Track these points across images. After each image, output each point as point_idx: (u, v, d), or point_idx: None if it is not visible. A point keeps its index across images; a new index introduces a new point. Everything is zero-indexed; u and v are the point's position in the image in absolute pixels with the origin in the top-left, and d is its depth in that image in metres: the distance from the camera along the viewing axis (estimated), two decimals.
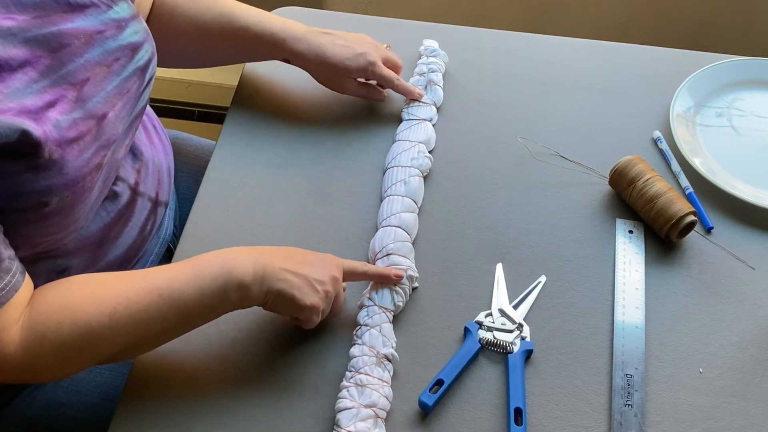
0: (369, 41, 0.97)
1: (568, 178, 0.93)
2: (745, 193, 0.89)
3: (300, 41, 0.94)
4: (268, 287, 0.72)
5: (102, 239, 0.80)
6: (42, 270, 0.76)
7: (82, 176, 0.68)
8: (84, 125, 0.68)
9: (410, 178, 0.89)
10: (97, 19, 0.71)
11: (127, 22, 0.74)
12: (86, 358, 0.69)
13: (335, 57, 0.93)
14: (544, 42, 1.09)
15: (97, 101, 0.70)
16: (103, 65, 0.71)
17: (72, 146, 0.66)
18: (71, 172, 0.66)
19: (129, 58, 0.74)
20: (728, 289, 0.84)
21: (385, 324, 0.77)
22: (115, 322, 0.68)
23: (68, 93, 0.67)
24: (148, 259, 0.90)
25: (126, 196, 0.82)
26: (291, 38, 0.94)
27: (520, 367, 0.77)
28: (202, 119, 1.92)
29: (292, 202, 0.90)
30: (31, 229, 0.68)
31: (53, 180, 0.65)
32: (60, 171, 0.65)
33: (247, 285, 0.71)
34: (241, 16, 0.94)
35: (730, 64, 1.02)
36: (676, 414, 0.75)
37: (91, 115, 0.69)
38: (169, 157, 0.95)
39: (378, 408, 0.72)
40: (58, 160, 0.65)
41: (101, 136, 0.70)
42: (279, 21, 0.95)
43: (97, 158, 0.70)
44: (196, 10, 0.93)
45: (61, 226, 0.70)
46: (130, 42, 0.74)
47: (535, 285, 0.84)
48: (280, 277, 0.72)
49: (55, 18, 0.67)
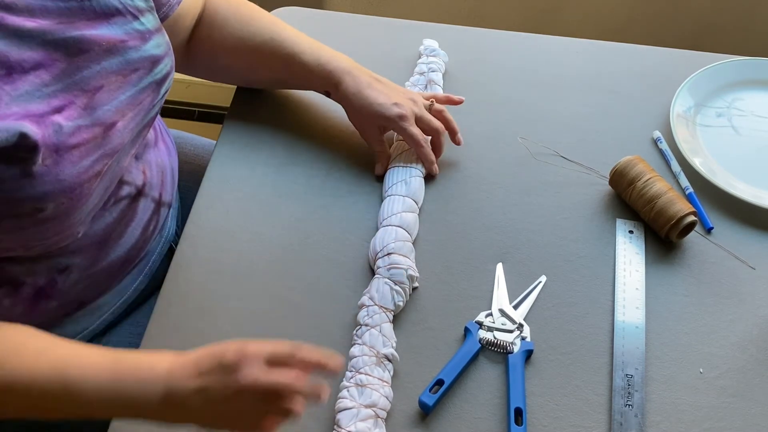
0: (411, 96, 0.92)
1: (568, 178, 0.93)
2: (745, 193, 0.89)
3: (345, 74, 0.90)
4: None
5: (104, 239, 0.80)
6: (43, 268, 0.76)
7: (80, 183, 0.67)
8: (88, 132, 0.67)
9: (411, 178, 0.89)
10: (122, 28, 0.70)
11: (151, 35, 0.74)
12: None
13: (368, 98, 0.89)
14: (544, 42, 1.09)
15: (107, 109, 0.69)
16: (120, 75, 0.70)
17: (71, 153, 0.66)
18: (68, 179, 0.66)
19: (148, 71, 0.73)
20: (728, 289, 0.84)
21: (385, 324, 0.77)
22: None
23: (78, 99, 0.67)
24: (150, 258, 0.90)
25: (129, 197, 0.82)
26: (338, 70, 0.90)
27: (521, 367, 0.77)
28: (202, 119, 1.92)
29: (292, 201, 0.90)
30: (25, 234, 0.67)
31: (49, 186, 0.64)
32: (56, 177, 0.64)
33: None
34: (292, 43, 0.91)
35: (730, 64, 1.02)
36: (676, 414, 0.75)
37: (98, 123, 0.68)
38: (173, 158, 0.95)
39: (378, 408, 0.72)
40: (52, 166, 0.64)
41: (106, 145, 0.69)
42: (329, 51, 0.92)
43: (98, 166, 0.69)
44: (247, 31, 0.91)
45: (55, 231, 0.69)
46: (152, 54, 0.74)
47: (535, 285, 0.84)
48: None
49: (79, 24, 0.67)
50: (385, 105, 0.89)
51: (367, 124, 0.91)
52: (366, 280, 0.83)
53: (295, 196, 0.91)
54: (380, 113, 0.89)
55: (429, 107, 0.92)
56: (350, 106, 0.91)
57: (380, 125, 0.91)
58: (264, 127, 0.97)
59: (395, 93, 0.91)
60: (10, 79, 0.62)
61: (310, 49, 0.92)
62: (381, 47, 1.06)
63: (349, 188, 0.91)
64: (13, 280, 0.75)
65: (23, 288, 0.76)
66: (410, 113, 0.89)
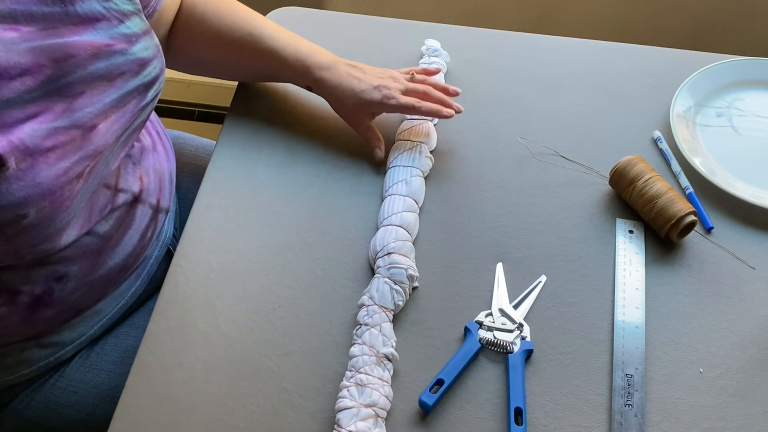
0: (389, 74, 0.93)
1: (568, 178, 0.93)
2: (745, 193, 0.89)
3: (324, 70, 0.91)
4: None
5: (101, 247, 0.80)
6: (40, 276, 0.75)
7: (60, 186, 0.66)
8: (65, 135, 0.66)
9: (412, 177, 0.89)
10: (107, 33, 0.70)
11: (138, 38, 0.73)
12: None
13: (350, 89, 0.90)
14: (544, 42, 1.09)
15: (88, 112, 0.68)
16: (105, 79, 0.69)
17: (47, 155, 0.64)
18: (46, 181, 0.65)
19: (134, 74, 0.73)
20: (728, 289, 0.84)
21: (385, 323, 0.77)
22: None
23: (56, 105, 0.66)
24: (148, 263, 0.89)
25: (126, 204, 0.81)
26: (316, 66, 0.91)
27: (521, 366, 0.77)
28: (202, 119, 1.92)
29: (292, 201, 0.90)
30: (13, 243, 0.66)
31: (27, 191, 0.63)
32: (33, 181, 0.63)
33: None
34: (270, 38, 0.91)
35: (730, 64, 1.02)
36: (676, 414, 0.75)
37: (77, 125, 0.67)
38: (171, 164, 0.94)
39: (378, 407, 0.72)
40: (27, 169, 0.63)
41: (87, 146, 0.68)
42: (307, 47, 0.92)
43: (78, 167, 0.68)
44: (225, 26, 0.91)
45: (42, 237, 0.68)
46: (139, 58, 0.73)
47: (535, 285, 0.84)
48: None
49: (63, 30, 0.66)
50: (368, 91, 0.90)
51: (354, 114, 0.92)
52: (366, 280, 0.83)
53: (295, 196, 0.91)
54: (365, 100, 0.90)
55: (410, 80, 0.94)
56: (334, 100, 0.92)
57: (369, 112, 0.92)
58: (264, 127, 0.97)
59: (374, 77, 0.92)
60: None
61: (289, 44, 0.92)
62: (381, 47, 1.07)
63: (349, 188, 0.91)
64: (10, 289, 0.75)
65: (20, 297, 0.76)
66: (395, 90, 0.91)
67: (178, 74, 1.84)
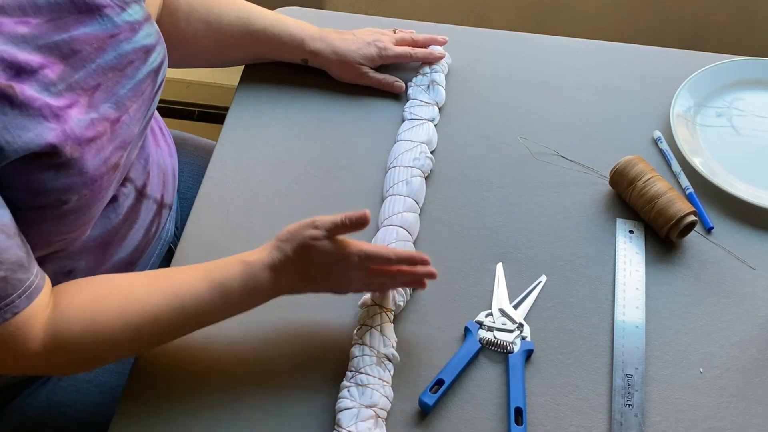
0: (376, 30, 1.02)
1: (568, 178, 0.93)
2: (745, 193, 0.89)
3: (317, 40, 0.97)
4: (294, 243, 0.73)
5: (108, 241, 0.80)
6: (48, 271, 0.75)
7: (101, 175, 0.69)
8: (100, 126, 0.69)
9: (412, 178, 0.89)
10: (111, 21, 0.71)
11: (141, 25, 0.74)
12: (106, 361, 0.73)
13: (348, 51, 0.97)
14: (544, 42, 1.09)
15: (108, 106, 0.70)
16: (116, 69, 0.71)
17: (90, 146, 0.67)
18: (90, 171, 0.67)
19: (143, 61, 0.74)
20: (728, 289, 0.84)
21: (386, 324, 0.77)
22: (139, 338, 0.70)
23: (81, 98, 0.68)
24: (149, 259, 0.90)
25: (132, 199, 0.82)
26: (308, 38, 0.97)
27: (521, 366, 0.77)
28: (202, 119, 1.92)
29: (292, 201, 0.90)
30: (48, 227, 0.68)
31: (74, 178, 0.66)
32: (80, 170, 0.66)
33: (273, 257, 0.73)
34: (258, 18, 0.96)
35: (730, 64, 1.02)
36: (676, 414, 0.75)
37: (104, 117, 0.69)
38: (173, 160, 0.95)
39: (378, 408, 0.72)
40: (78, 158, 0.66)
41: (116, 138, 0.71)
42: (294, 22, 0.98)
43: (114, 158, 0.71)
44: (213, 14, 0.94)
45: (77, 224, 0.70)
46: (144, 45, 0.74)
47: (535, 285, 0.84)
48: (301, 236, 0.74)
49: (69, 21, 0.67)
50: (363, 48, 0.98)
51: (355, 73, 0.99)
52: None
53: (295, 196, 0.91)
54: (363, 56, 0.98)
55: (394, 32, 1.02)
56: (333, 65, 0.99)
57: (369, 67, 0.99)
58: (264, 128, 0.97)
59: (365, 35, 1.00)
60: (19, 79, 0.62)
61: (278, 21, 0.97)
62: None
63: (350, 188, 0.91)
64: None
65: None
66: (387, 41, 1.00)
67: (178, 74, 1.84)
